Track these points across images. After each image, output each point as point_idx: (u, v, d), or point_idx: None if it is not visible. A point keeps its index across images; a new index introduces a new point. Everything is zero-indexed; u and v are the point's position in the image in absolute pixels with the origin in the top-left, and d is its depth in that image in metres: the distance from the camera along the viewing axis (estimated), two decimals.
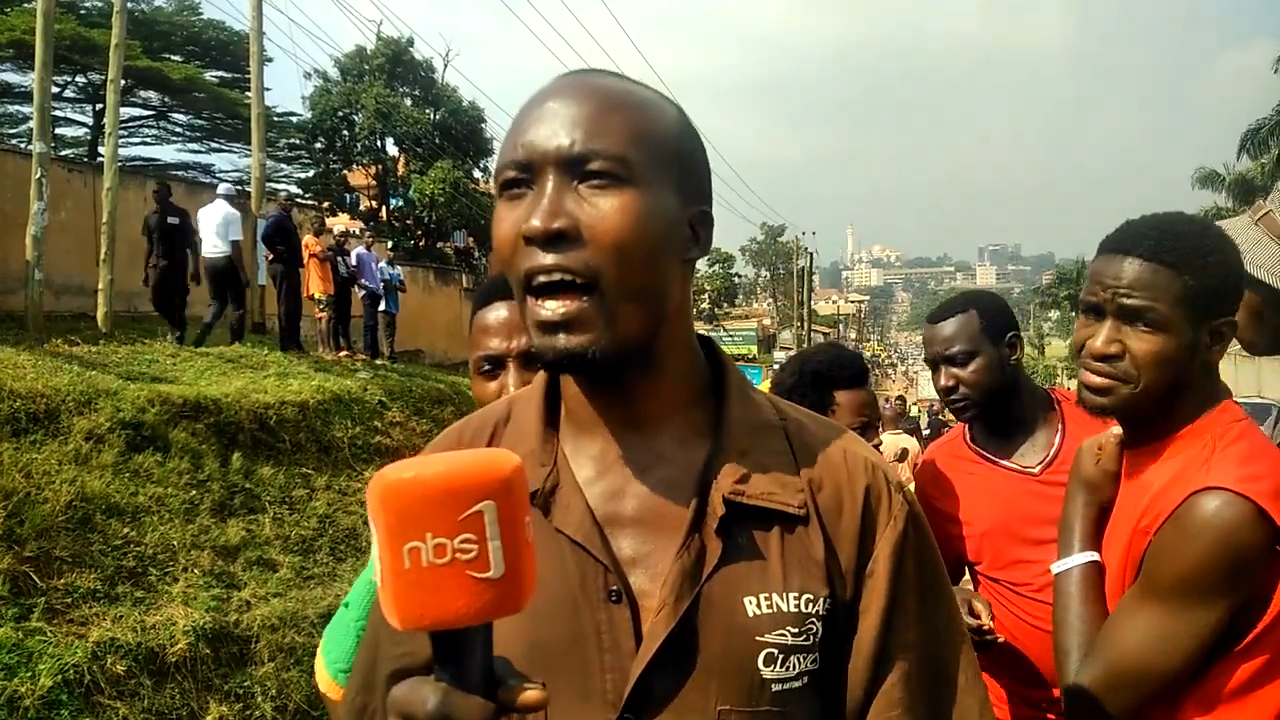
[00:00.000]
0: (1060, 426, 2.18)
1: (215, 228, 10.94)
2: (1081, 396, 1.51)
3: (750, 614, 0.90)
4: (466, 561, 0.66)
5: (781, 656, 0.90)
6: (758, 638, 0.89)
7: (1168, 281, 1.38)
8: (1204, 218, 1.53)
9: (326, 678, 1.75)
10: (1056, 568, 1.54)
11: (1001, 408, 2.20)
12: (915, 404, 30.83)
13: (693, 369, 0.99)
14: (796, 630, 0.90)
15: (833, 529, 0.94)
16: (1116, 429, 1.60)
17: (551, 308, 0.87)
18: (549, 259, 0.86)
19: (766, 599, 0.90)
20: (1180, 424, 1.44)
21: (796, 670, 0.90)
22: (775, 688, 0.89)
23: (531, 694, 0.69)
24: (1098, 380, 1.45)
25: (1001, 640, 1.98)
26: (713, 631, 0.89)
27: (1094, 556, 1.51)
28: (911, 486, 2.10)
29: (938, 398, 2.31)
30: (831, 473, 0.96)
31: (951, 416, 2.64)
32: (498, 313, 1.59)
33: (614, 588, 0.90)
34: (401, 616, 0.67)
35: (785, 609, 0.90)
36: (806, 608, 0.91)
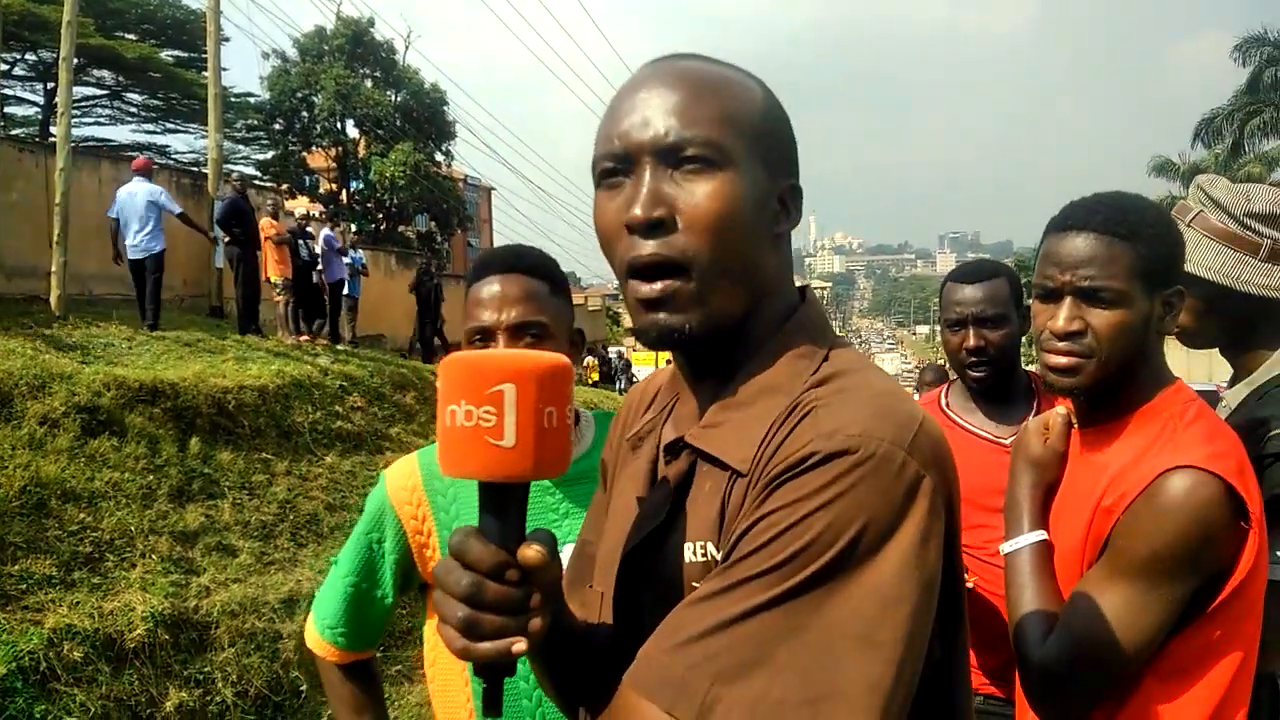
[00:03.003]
0: (1035, 405, 2.24)
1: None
2: (1047, 380, 1.51)
3: (687, 559, 0.92)
4: (487, 429, 0.81)
5: None
6: (692, 583, 0.90)
7: (1122, 254, 1.41)
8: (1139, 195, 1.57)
9: (315, 635, 1.77)
10: (1006, 548, 1.56)
11: (1003, 378, 2.25)
12: None
13: (781, 341, 0.97)
14: None
15: (751, 484, 0.87)
16: (1062, 409, 1.63)
17: (651, 287, 0.92)
18: (648, 247, 0.91)
19: (701, 547, 0.91)
20: (1136, 402, 1.47)
21: None
22: None
23: (529, 552, 0.83)
24: (1063, 360, 1.46)
25: (971, 585, 2.00)
26: (662, 569, 0.94)
27: (1043, 536, 1.54)
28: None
29: (959, 357, 2.27)
30: (799, 439, 0.84)
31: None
32: (490, 287, 1.62)
33: None
34: (443, 464, 0.84)
35: (717, 560, 0.89)
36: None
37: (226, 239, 11.33)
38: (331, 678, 1.79)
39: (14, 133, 19.93)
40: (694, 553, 0.91)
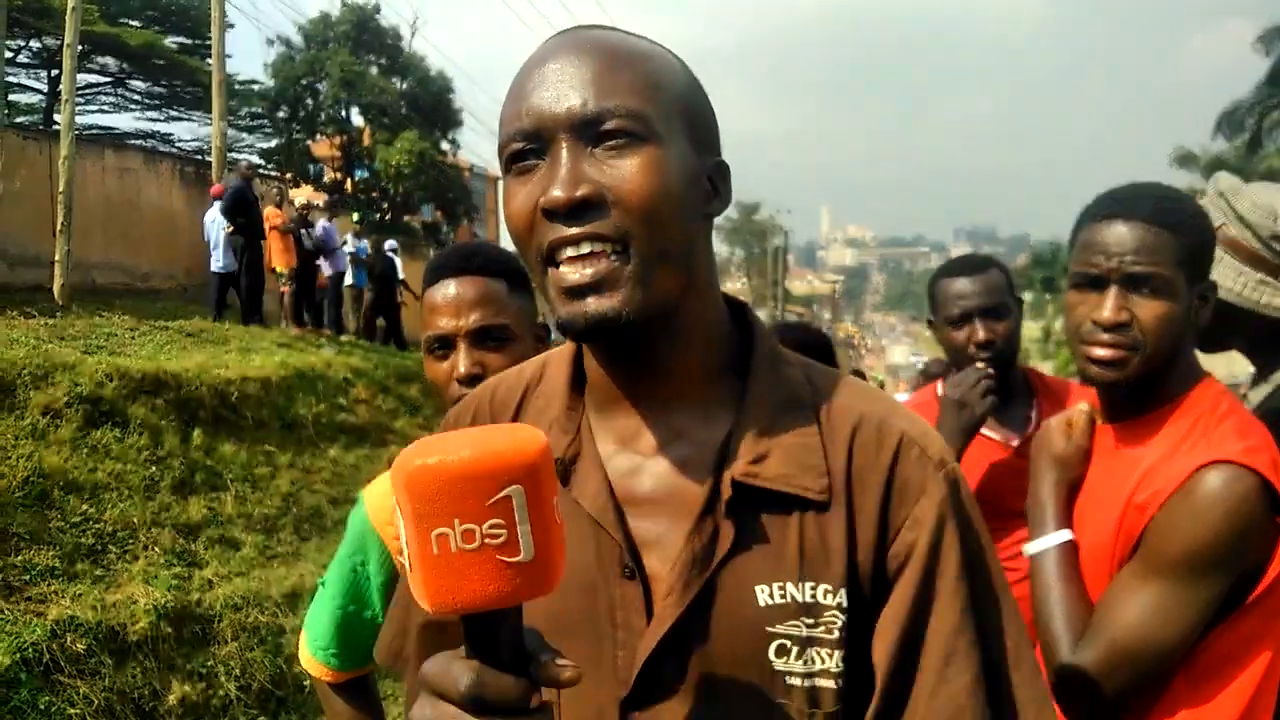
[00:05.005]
0: (1035, 403, 2.18)
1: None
2: (1088, 373, 1.46)
3: (761, 603, 0.86)
4: (496, 546, 0.65)
5: (796, 649, 0.86)
6: (768, 628, 0.86)
7: (1169, 244, 1.38)
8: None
9: (308, 655, 1.75)
10: (1031, 549, 1.54)
11: (1004, 374, 2.15)
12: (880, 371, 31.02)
13: (719, 339, 0.94)
14: (812, 622, 0.86)
15: (857, 514, 0.88)
16: (1084, 405, 1.60)
17: (579, 271, 0.82)
18: (575, 230, 0.81)
19: (780, 588, 0.86)
20: (1169, 397, 1.44)
21: (819, 666, 0.86)
22: (790, 680, 0.86)
23: (568, 673, 0.69)
24: (1108, 353, 1.41)
25: None
26: (721, 619, 0.87)
27: (1069, 535, 1.51)
28: None
29: (966, 353, 2.16)
30: (860, 452, 0.90)
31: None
32: (445, 291, 1.55)
33: (628, 564, 0.89)
34: (432, 601, 0.66)
35: (799, 599, 0.86)
36: (824, 599, 0.86)
37: (229, 229, 11.30)
38: (327, 695, 1.77)
39: (18, 120, 19.92)
40: (770, 595, 0.86)
